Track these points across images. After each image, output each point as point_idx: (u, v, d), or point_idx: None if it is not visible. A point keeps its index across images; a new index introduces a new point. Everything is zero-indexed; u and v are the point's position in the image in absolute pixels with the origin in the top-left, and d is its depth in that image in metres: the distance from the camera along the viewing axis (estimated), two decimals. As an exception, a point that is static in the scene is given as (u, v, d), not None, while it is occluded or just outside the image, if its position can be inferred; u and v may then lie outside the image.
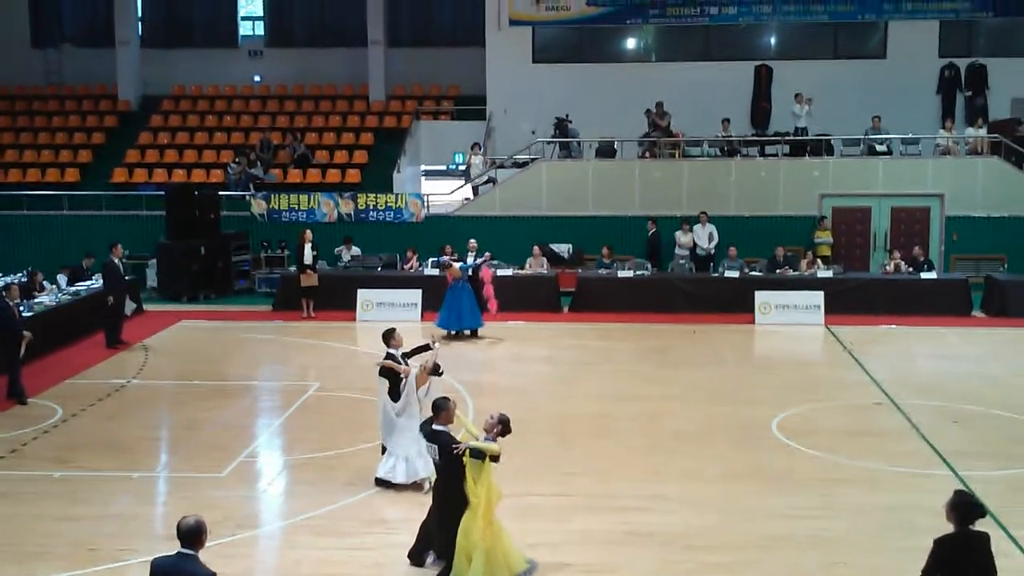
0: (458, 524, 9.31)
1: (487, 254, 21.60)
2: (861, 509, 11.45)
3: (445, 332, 20.31)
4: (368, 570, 9.96)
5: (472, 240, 21.61)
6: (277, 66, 32.98)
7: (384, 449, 12.20)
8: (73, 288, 21.41)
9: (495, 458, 9.22)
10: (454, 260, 20.80)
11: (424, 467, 11.62)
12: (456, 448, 9.30)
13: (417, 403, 11.82)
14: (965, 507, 7.12)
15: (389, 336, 12.47)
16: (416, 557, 9.94)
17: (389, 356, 12.23)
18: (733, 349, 20.06)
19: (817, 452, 13.37)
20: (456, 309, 20.46)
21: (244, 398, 16.69)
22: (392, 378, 12.07)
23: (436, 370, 11.83)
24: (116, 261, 20.08)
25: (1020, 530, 10.75)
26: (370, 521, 11.12)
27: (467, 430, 9.70)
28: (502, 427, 9.41)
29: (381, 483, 12.02)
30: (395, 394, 12.03)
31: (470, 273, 20.73)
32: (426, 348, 12.43)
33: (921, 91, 28.44)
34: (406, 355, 12.43)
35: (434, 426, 9.74)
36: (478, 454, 9.19)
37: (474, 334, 20.59)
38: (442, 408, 9.85)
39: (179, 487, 12.40)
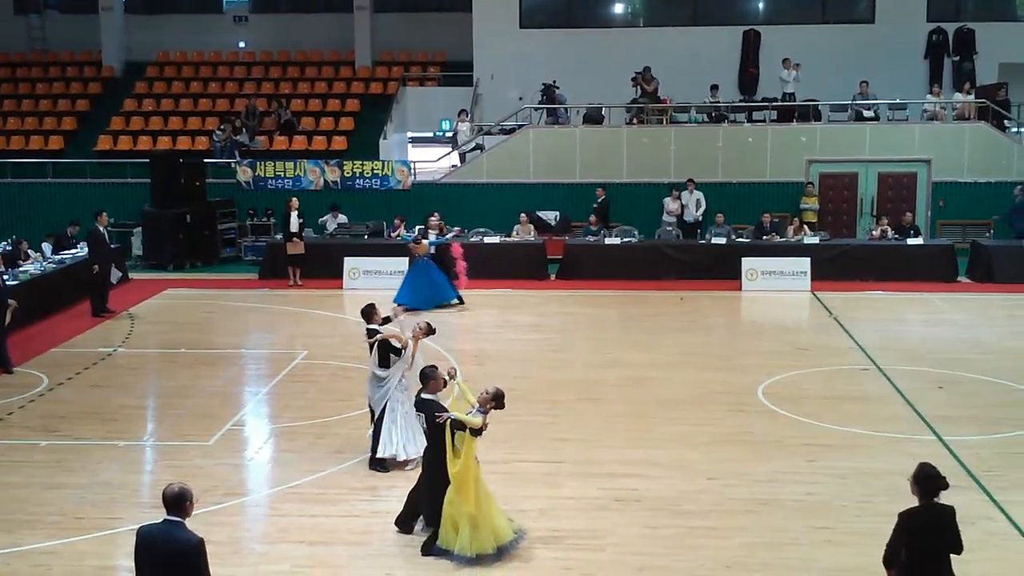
0: (444, 492, 9.37)
1: (456, 229, 21.78)
2: (846, 474, 11.53)
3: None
4: (355, 537, 9.99)
5: (435, 214, 21.50)
6: (262, 32, 32.75)
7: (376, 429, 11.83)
8: (58, 256, 21.32)
9: (476, 431, 9.22)
10: (432, 230, 20.70)
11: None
12: (439, 417, 9.33)
13: (405, 376, 11.58)
14: (929, 480, 7.13)
15: (371, 312, 12.17)
16: (404, 524, 9.98)
17: (371, 332, 12.00)
18: (720, 315, 20.10)
19: (803, 418, 13.44)
20: (416, 287, 19.89)
21: (231, 366, 16.66)
22: (391, 350, 11.66)
23: (430, 329, 11.72)
24: (101, 229, 20.00)
25: (1003, 494, 10.82)
26: (357, 489, 11.15)
27: (466, 398, 9.67)
28: (495, 402, 9.39)
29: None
30: (386, 363, 11.72)
31: (433, 251, 20.50)
32: (388, 320, 12.18)
33: (909, 56, 28.34)
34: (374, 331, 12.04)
35: (423, 395, 9.78)
36: (460, 425, 9.22)
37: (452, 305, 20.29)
38: (430, 377, 9.88)
39: (166, 455, 12.41)
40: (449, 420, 9.30)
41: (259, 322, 19.85)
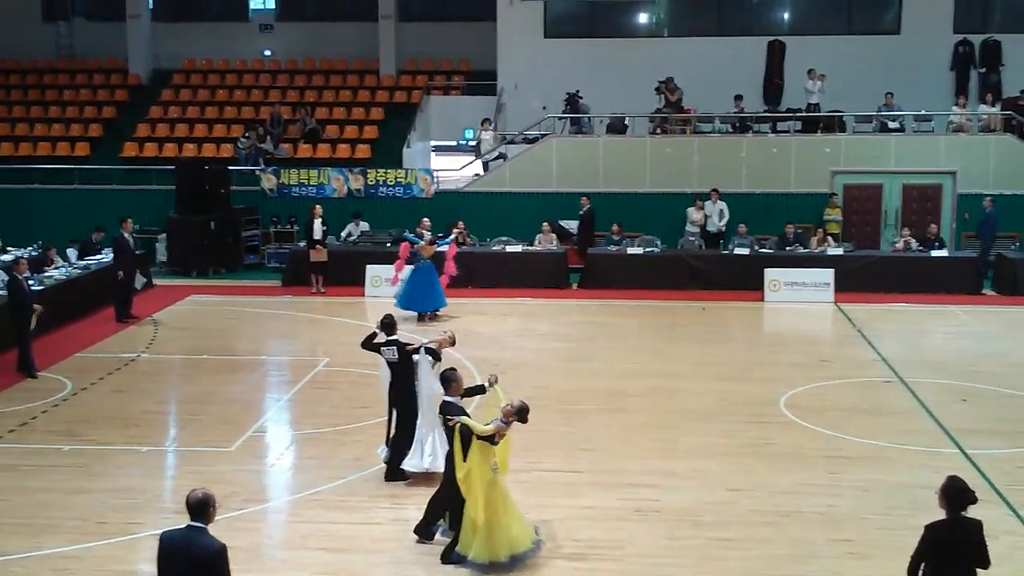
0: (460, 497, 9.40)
1: (459, 230, 22.10)
2: (868, 486, 11.46)
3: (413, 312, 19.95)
4: (375, 544, 10.00)
5: (425, 220, 21.38)
6: (288, 40, 32.89)
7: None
8: (83, 262, 21.46)
9: (487, 439, 9.22)
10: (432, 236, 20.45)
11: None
12: (451, 421, 9.42)
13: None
14: (957, 493, 7.07)
15: (392, 325, 11.98)
16: (424, 531, 9.98)
17: (393, 343, 11.73)
18: (742, 326, 20.03)
19: (825, 430, 13.37)
20: (419, 290, 19.90)
21: (253, 373, 16.73)
22: (431, 353, 11.43)
23: (452, 341, 11.78)
24: (126, 236, 20.11)
25: (1027, 509, 10.75)
26: (377, 496, 11.16)
27: (499, 404, 9.60)
28: (518, 415, 9.36)
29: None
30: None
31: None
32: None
33: (935, 67, 28.19)
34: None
35: (445, 398, 9.82)
36: (468, 431, 9.27)
37: (434, 315, 20.08)
38: (451, 380, 9.97)
39: (188, 461, 12.46)
40: (458, 425, 9.35)
41: (281, 329, 19.92)
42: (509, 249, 23.59)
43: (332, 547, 9.93)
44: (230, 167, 26.77)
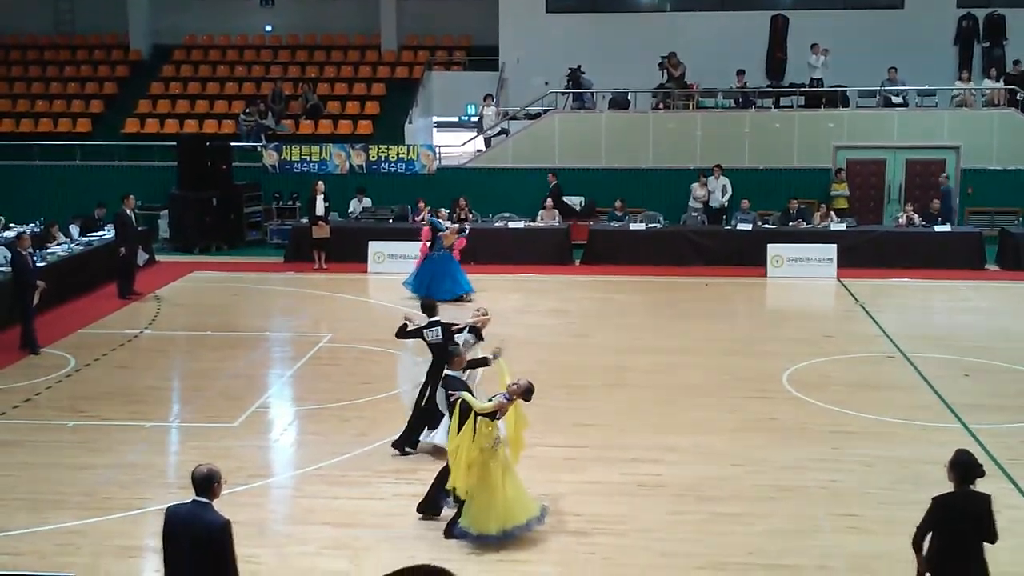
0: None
1: (467, 223, 21.50)
2: (871, 461, 11.49)
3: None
4: (379, 519, 10.04)
5: (442, 210, 21.06)
6: (289, 15, 32.71)
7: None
8: (86, 238, 21.45)
9: (488, 415, 9.29)
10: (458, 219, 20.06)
11: None
12: (453, 395, 9.55)
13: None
14: (964, 466, 7.09)
15: (433, 307, 12.19)
16: (428, 507, 9.99)
17: (436, 324, 11.90)
18: (745, 302, 20.03)
19: (828, 405, 13.39)
20: (435, 278, 19.31)
21: (256, 349, 16.75)
22: (472, 331, 11.76)
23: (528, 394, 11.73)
24: (128, 212, 20.09)
25: (1030, 483, 10.77)
26: (381, 471, 11.18)
27: (502, 379, 9.73)
28: (523, 395, 9.43)
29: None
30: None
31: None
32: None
33: (938, 42, 28.04)
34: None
35: (447, 372, 9.94)
36: (467, 407, 9.34)
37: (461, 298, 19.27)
38: (454, 354, 10.12)
39: (192, 436, 12.49)
40: (459, 401, 9.43)
41: (284, 305, 19.93)
42: (511, 225, 23.56)
43: (336, 522, 9.97)
44: (232, 143, 26.72)
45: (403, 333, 11.99)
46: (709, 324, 17.93)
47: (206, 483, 6.82)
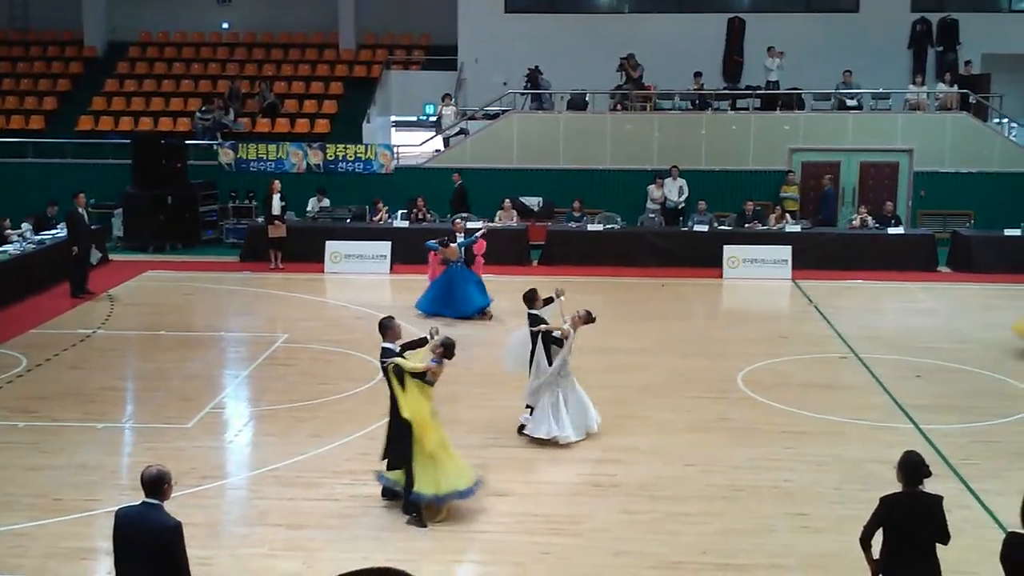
0: (405, 434, 9.80)
1: (483, 227, 20.45)
2: (824, 461, 11.60)
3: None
4: (334, 520, 10.00)
5: (457, 221, 20.38)
6: (246, 13, 32.51)
7: (530, 408, 12.27)
8: (39, 237, 21.19)
9: (419, 375, 9.72)
10: (459, 232, 18.76)
11: (561, 426, 11.92)
12: (385, 362, 9.90)
13: (569, 362, 12.12)
14: (912, 466, 7.16)
15: (533, 296, 12.50)
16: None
17: (533, 319, 12.31)
18: (701, 302, 20.16)
19: (782, 405, 13.50)
20: (447, 294, 18.27)
21: (211, 349, 16.63)
22: (553, 341, 12.10)
23: (589, 317, 12.16)
24: (80, 210, 19.88)
25: (979, 483, 10.91)
26: (336, 472, 11.14)
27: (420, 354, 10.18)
28: (444, 349, 9.83)
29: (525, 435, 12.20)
30: (550, 357, 12.08)
31: (463, 253, 18.54)
32: (551, 300, 12.68)
33: (892, 45, 28.34)
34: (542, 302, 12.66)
35: (383, 344, 10.17)
36: (400, 370, 9.75)
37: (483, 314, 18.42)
38: (387, 327, 10.30)
39: (145, 438, 12.37)
40: (391, 366, 9.80)
41: (240, 305, 19.78)
42: (469, 225, 23.50)
43: (291, 523, 9.92)
44: (187, 141, 26.51)
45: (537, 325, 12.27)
46: (665, 325, 18.02)
47: (156, 484, 6.76)
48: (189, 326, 18.03)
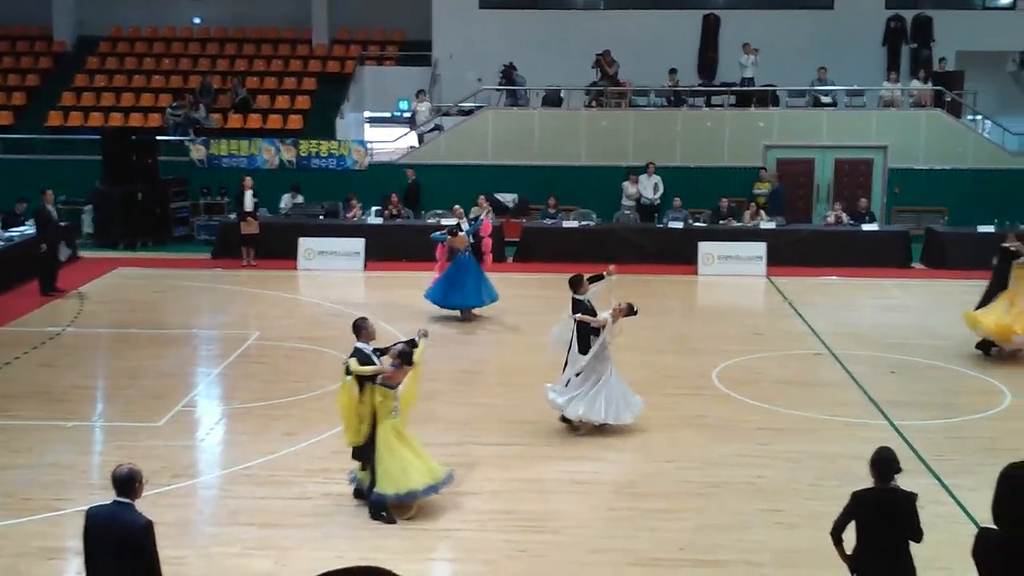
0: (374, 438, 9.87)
1: (487, 208, 19.66)
2: (799, 457, 11.60)
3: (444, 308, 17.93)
4: (306, 519, 9.91)
5: (457, 207, 19.31)
6: (217, 7, 32.27)
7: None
8: (7, 234, 20.94)
9: (369, 379, 9.82)
10: (457, 223, 18.05)
11: (604, 411, 12.09)
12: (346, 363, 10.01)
13: (608, 347, 12.25)
14: (882, 463, 7.15)
15: (579, 282, 12.57)
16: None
17: (576, 304, 12.39)
18: (677, 299, 20.14)
19: (757, 401, 13.50)
20: (462, 284, 17.66)
21: (182, 347, 16.46)
22: (591, 332, 12.19)
23: (631, 310, 12.28)
24: (49, 207, 19.65)
25: (952, 478, 10.94)
26: (309, 471, 11.04)
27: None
28: (400, 358, 9.86)
29: (566, 421, 12.38)
30: (585, 345, 12.21)
31: (472, 240, 17.91)
32: (601, 277, 12.80)
33: (867, 42, 28.42)
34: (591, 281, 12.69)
35: (356, 344, 10.17)
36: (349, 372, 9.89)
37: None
38: (361, 327, 10.29)
39: (115, 436, 12.23)
40: (346, 366, 9.95)
41: (211, 302, 19.62)
42: (444, 222, 23.40)
43: (262, 522, 9.82)
44: (158, 137, 26.26)
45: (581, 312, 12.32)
46: (641, 321, 17.84)
47: (127, 483, 6.66)
48: (160, 324, 17.86)
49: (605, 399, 12.14)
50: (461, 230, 17.82)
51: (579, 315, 12.26)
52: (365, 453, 9.99)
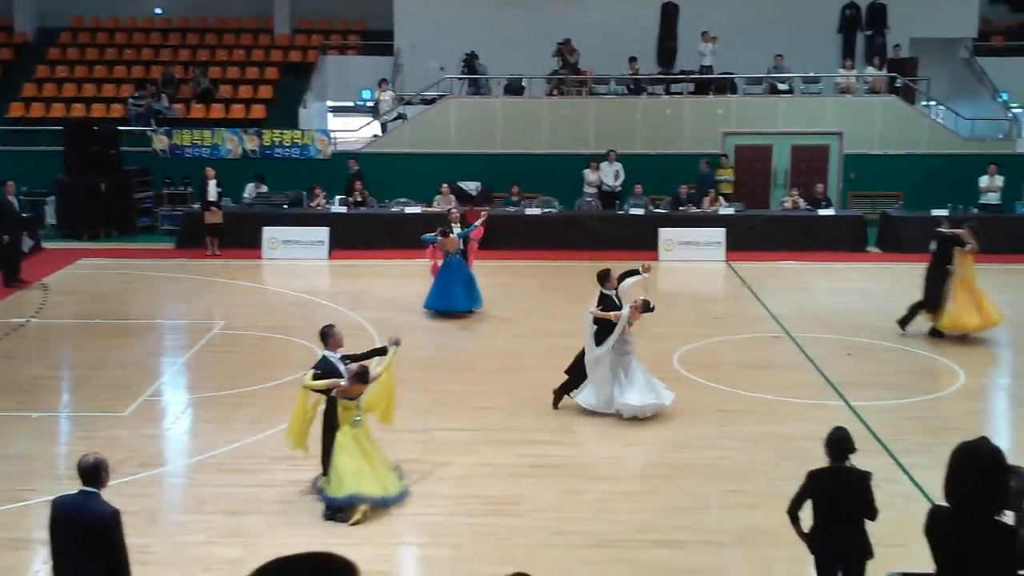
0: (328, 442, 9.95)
1: (484, 213, 19.54)
2: (758, 439, 11.82)
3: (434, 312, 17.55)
4: (273, 506, 10.01)
5: (453, 211, 19.47)
6: (179, -2, 32.13)
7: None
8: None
9: (323, 391, 9.90)
10: (454, 223, 17.83)
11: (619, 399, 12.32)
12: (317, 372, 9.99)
13: (629, 340, 12.48)
14: (837, 442, 7.34)
15: (606, 276, 12.65)
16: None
17: (603, 298, 12.52)
18: (637, 285, 20.27)
19: (717, 384, 13.73)
20: (449, 287, 17.32)
21: (147, 337, 16.49)
22: (603, 326, 12.36)
23: (647, 307, 12.41)
24: (10, 198, 19.57)
25: (908, 458, 11.18)
26: (275, 458, 11.10)
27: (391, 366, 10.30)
28: (358, 378, 9.77)
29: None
30: (601, 338, 12.37)
31: (463, 246, 17.72)
32: (635, 272, 12.91)
33: (823, 30, 28.72)
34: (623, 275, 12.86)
35: (323, 352, 10.24)
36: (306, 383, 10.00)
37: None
38: (328, 335, 10.35)
39: (81, 427, 12.29)
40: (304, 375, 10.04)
41: (176, 292, 19.62)
42: (408, 211, 23.54)
43: (230, 510, 9.92)
44: (120, 128, 26.16)
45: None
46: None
47: (93, 472, 6.75)
48: (125, 314, 17.86)
49: (626, 388, 12.34)
50: (452, 232, 17.49)
51: (593, 310, 12.42)
52: (324, 459, 10.08)
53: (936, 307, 15.92)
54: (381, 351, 10.62)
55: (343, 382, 9.78)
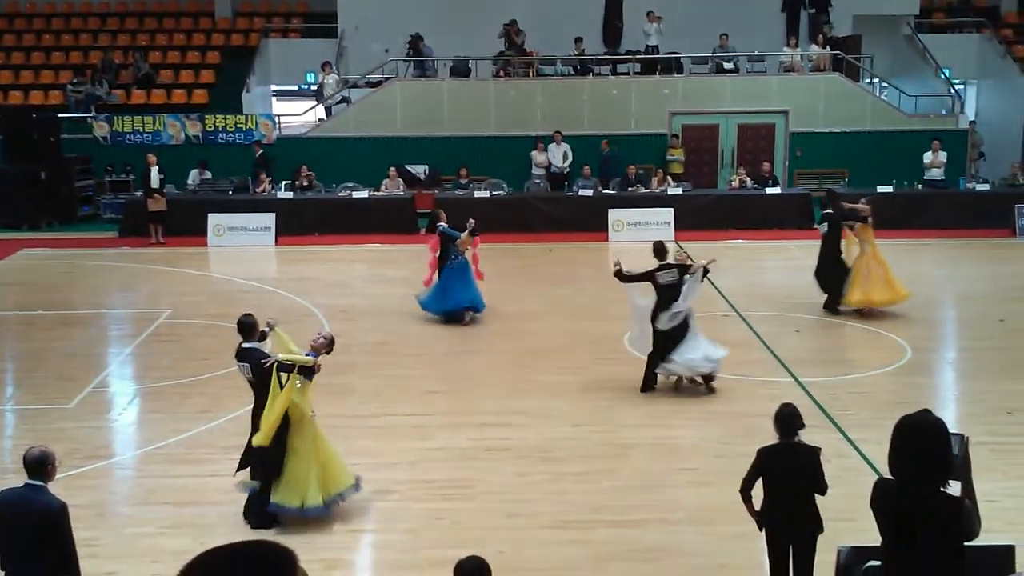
0: (277, 442, 9.15)
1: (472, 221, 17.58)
2: (708, 417, 11.89)
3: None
4: (223, 496, 9.87)
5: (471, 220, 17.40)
6: (117, -19, 31.60)
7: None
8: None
9: (308, 370, 9.02)
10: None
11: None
12: (265, 362, 9.08)
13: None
14: (786, 419, 7.40)
15: (662, 250, 12.93)
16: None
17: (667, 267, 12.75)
18: (588, 266, 20.38)
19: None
20: (456, 286, 16.21)
21: (92, 327, 16.24)
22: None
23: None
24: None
25: (856, 432, 11.28)
26: (225, 448, 10.95)
27: (286, 347, 9.40)
28: (329, 346, 9.25)
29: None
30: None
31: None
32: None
33: (767, 9, 28.86)
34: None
35: (243, 344, 9.42)
36: (287, 367, 9.01)
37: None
38: (250, 325, 9.49)
39: (25, 420, 12.08)
40: (276, 363, 9.04)
41: (120, 281, 19.35)
42: (356, 195, 23.38)
43: (179, 500, 9.81)
44: (60, 115, 25.72)
45: (629, 278, 12.62)
46: (554, 289, 18.19)
47: (39, 465, 6.64)
48: (68, 304, 17.57)
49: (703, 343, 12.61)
50: (475, 232, 16.40)
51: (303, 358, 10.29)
52: (267, 460, 9.28)
53: (836, 290, 16.00)
54: (261, 336, 9.73)
55: (312, 358, 9.08)
